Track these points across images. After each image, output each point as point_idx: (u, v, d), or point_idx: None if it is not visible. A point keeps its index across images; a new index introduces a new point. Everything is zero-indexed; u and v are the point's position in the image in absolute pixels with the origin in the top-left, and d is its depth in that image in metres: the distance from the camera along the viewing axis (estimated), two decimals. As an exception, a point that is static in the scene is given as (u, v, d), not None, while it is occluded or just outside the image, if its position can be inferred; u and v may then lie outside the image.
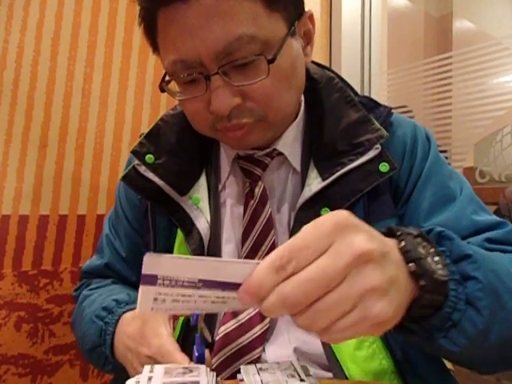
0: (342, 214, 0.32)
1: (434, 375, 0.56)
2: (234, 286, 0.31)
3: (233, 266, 0.32)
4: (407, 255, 0.36)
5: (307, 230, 0.31)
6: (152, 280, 0.30)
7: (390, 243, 0.35)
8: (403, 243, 0.36)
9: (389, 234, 0.39)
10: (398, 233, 0.38)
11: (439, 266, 0.37)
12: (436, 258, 0.37)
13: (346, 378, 0.53)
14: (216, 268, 0.31)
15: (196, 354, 0.46)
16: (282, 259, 0.30)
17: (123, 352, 0.56)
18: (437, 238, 0.42)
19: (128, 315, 0.59)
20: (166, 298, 0.31)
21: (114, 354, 0.59)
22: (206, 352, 0.48)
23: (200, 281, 0.31)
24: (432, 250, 0.37)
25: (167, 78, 0.56)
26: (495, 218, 0.58)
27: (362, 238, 0.31)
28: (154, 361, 0.50)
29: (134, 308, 0.60)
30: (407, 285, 0.35)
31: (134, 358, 0.53)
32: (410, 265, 0.35)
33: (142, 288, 0.31)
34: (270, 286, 0.30)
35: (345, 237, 0.30)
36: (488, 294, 0.39)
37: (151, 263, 0.30)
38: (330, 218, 0.31)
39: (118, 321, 0.59)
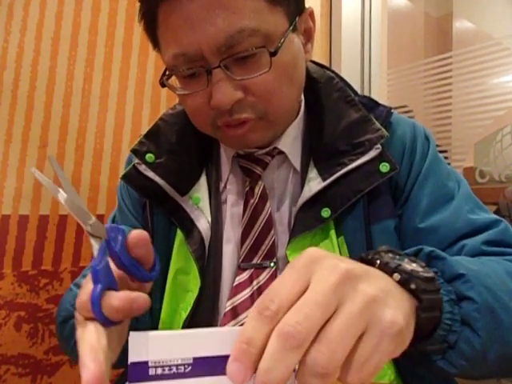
0: (313, 249, 0.30)
1: (433, 375, 0.56)
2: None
3: (226, 333, 0.29)
4: (387, 268, 0.35)
5: (282, 273, 0.29)
6: (143, 371, 0.27)
7: (367, 266, 0.34)
8: (378, 261, 0.36)
9: (361, 260, 0.38)
10: (370, 256, 0.37)
11: (419, 266, 0.36)
12: (413, 264, 0.36)
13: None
14: (208, 340, 0.28)
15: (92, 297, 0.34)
16: (263, 302, 0.27)
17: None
18: (427, 258, 0.41)
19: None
20: None
21: None
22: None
23: (194, 360, 0.28)
24: (406, 259, 0.36)
25: (167, 72, 0.55)
26: (491, 215, 0.58)
27: (340, 260, 0.30)
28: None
29: None
30: (402, 295, 0.33)
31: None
32: (394, 275, 0.34)
33: None
34: (260, 332, 0.26)
35: (323, 263, 0.29)
36: (484, 313, 0.38)
37: (139, 346, 0.27)
38: (302, 255, 0.30)
39: None
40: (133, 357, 0.27)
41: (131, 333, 0.28)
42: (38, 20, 1.00)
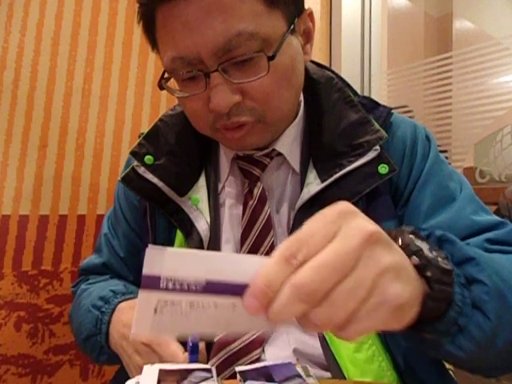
0: (344, 204, 0.31)
1: (433, 376, 0.56)
2: (243, 290, 0.28)
3: (242, 261, 0.29)
4: (407, 249, 0.35)
5: (312, 220, 0.30)
6: (154, 282, 0.27)
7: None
8: (400, 240, 0.37)
9: None
10: (393, 233, 0.38)
11: (439, 257, 0.36)
12: (434, 253, 0.37)
13: (345, 379, 0.53)
14: (224, 264, 0.29)
15: (190, 359, 0.47)
16: (291, 249, 0.28)
17: (118, 341, 0.56)
18: (437, 242, 0.41)
19: (124, 304, 0.60)
20: (166, 310, 0.28)
21: (109, 343, 0.60)
22: (201, 347, 0.49)
23: (207, 283, 0.28)
24: (428, 245, 0.37)
25: (166, 75, 0.55)
26: (495, 217, 0.58)
27: (368, 222, 0.31)
28: (149, 348, 0.50)
29: (130, 298, 0.61)
30: (415, 276, 0.34)
31: (129, 346, 0.54)
32: (413, 258, 0.35)
33: (141, 294, 0.27)
34: (280, 278, 0.27)
35: (351, 221, 0.30)
36: (494, 296, 0.38)
37: (153, 260, 0.27)
38: (333, 208, 0.30)
39: (114, 310, 0.60)
40: (146, 269, 0.27)
41: (149, 246, 0.28)
42: (38, 20, 1.00)
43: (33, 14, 0.99)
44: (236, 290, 0.28)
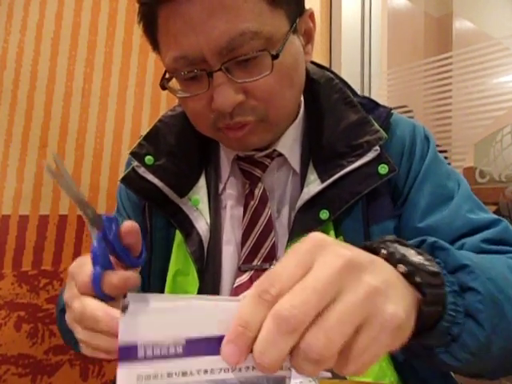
0: (317, 235, 0.29)
1: (434, 376, 0.56)
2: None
3: (220, 310, 0.28)
4: (392, 258, 0.34)
5: (285, 256, 0.28)
6: (131, 353, 0.26)
7: (372, 255, 0.32)
8: (383, 250, 0.35)
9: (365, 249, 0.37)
10: (375, 244, 0.36)
11: (425, 260, 0.35)
12: (419, 257, 0.35)
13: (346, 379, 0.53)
14: (201, 318, 0.28)
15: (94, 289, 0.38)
16: (263, 285, 0.26)
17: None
18: (430, 249, 0.40)
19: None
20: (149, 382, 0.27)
21: None
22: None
23: (187, 342, 0.27)
24: (412, 250, 0.35)
25: (168, 75, 0.55)
26: (491, 215, 0.58)
27: (345, 248, 0.28)
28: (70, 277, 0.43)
29: None
30: (405, 287, 0.32)
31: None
32: (399, 266, 0.33)
33: (120, 371, 0.26)
34: (258, 316, 0.25)
35: (327, 250, 0.28)
36: (488, 304, 0.37)
37: (128, 326, 0.26)
38: (306, 239, 0.29)
39: None
40: (122, 338, 0.26)
41: (120, 316, 0.27)
42: (38, 20, 1.00)
43: (33, 14, 0.99)
44: (217, 346, 0.27)
